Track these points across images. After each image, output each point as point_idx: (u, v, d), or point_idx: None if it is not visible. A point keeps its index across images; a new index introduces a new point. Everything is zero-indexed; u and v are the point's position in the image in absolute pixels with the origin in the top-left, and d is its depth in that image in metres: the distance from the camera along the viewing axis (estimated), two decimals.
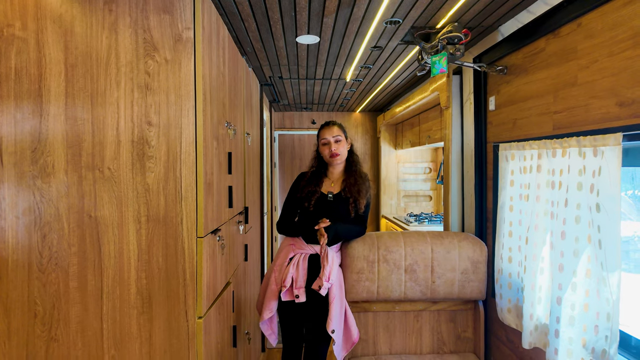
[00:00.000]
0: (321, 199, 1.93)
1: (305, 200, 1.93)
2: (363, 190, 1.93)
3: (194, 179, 1.34)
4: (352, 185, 1.91)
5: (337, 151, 1.94)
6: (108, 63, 1.33)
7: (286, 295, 1.88)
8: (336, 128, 1.97)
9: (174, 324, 1.34)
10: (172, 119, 1.34)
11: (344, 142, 1.97)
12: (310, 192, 1.94)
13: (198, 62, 1.35)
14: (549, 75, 1.60)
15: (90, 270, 1.33)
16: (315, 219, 1.91)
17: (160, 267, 1.34)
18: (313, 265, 1.89)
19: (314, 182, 1.97)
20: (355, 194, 1.90)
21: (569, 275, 1.42)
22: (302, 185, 1.98)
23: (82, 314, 1.33)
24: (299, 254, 1.90)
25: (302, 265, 1.88)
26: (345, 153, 1.99)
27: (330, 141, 1.95)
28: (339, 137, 1.95)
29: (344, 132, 1.99)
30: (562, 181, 1.47)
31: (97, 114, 1.33)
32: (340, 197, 1.93)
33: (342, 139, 1.96)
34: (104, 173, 1.33)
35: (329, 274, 1.82)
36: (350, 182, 1.93)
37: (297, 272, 1.86)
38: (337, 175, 2.01)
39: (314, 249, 1.90)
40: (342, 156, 1.97)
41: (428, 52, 1.92)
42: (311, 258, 1.90)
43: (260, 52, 2.28)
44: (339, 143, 1.95)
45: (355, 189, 1.91)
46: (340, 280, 1.92)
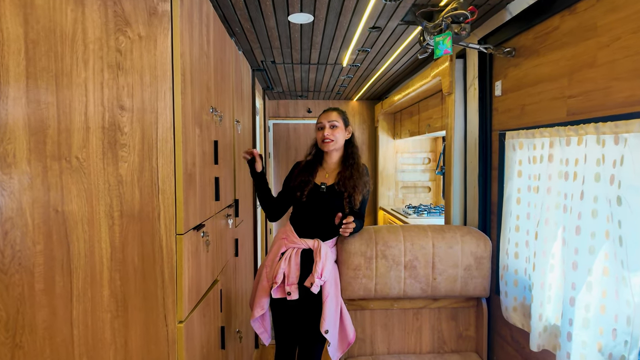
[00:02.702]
0: (314, 190, 1.81)
1: (297, 190, 1.81)
2: (359, 186, 1.78)
3: (172, 170, 1.21)
4: (348, 179, 1.77)
5: (331, 137, 1.79)
6: (74, 39, 1.18)
7: (277, 292, 1.77)
8: (335, 113, 1.84)
9: (152, 329, 1.22)
10: (147, 102, 1.20)
11: (341, 129, 1.83)
12: (303, 182, 1.81)
13: (176, 39, 1.20)
14: (564, 56, 1.47)
15: (58, 271, 1.20)
16: (308, 211, 1.80)
17: (136, 267, 1.22)
18: (306, 261, 1.77)
19: (307, 172, 1.84)
20: (350, 188, 1.76)
21: (583, 274, 1.30)
22: (295, 174, 1.86)
23: (50, 318, 1.20)
24: (291, 249, 1.79)
25: (295, 261, 1.76)
26: (341, 141, 1.84)
27: (325, 125, 1.81)
28: (336, 123, 1.81)
29: (343, 119, 1.85)
30: (578, 172, 1.34)
31: (62, 97, 1.18)
32: (333, 190, 1.80)
33: (340, 125, 1.82)
34: (72, 163, 1.19)
35: (322, 270, 1.71)
36: (346, 175, 1.78)
37: (289, 267, 1.76)
38: (332, 165, 1.87)
39: (307, 244, 1.78)
40: (337, 143, 1.82)
41: (431, 33, 1.78)
42: (304, 253, 1.78)
43: (250, 33, 2.12)
44: (334, 129, 1.81)
45: (350, 184, 1.77)
46: (335, 277, 1.81)
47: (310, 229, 1.81)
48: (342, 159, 1.85)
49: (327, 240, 1.82)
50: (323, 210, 1.79)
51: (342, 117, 1.85)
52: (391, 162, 4.36)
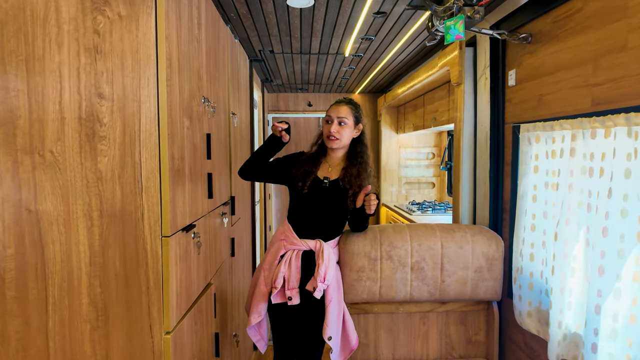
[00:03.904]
0: (316, 184, 1.67)
1: (299, 180, 1.67)
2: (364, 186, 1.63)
3: (156, 165, 1.09)
4: (354, 177, 1.64)
5: (337, 135, 1.64)
6: (46, 19, 1.05)
7: (277, 297, 1.64)
8: (345, 108, 1.67)
9: (136, 340, 1.11)
10: (129, 90, 1.08)
11: (350, 126, 1.67)
12: (305, 172, 1.67)
13: (160, 19, 1.08)
14: (587, 40, 1.34)
15: (31, 277, 1.09)
16: (308, 206, 1.66)
17: (118, 272, 1.10)
18: (307, 264, 1.64)
19: (311, 163, 1.70)
20: (356, 186, 1.63)
21: (611, 280, 1.18)
22: (300, 161, 1.72)
23: (23, 329, 1.09)
24: (291, 251, 1.65)
25: (295, 264, 1.63)
26: (347, 140, 1.68)
27: (334, 121, 1.66)
28: (345, 120, 1.65)
29: (354, 116, 1.68)
30: (604, 167, 1.22)
31: (34, 84, 1.06)
32: (337, 185, 1.66)
33: (349, 123, 1.66)
34: (45, 158, 1.07)
35: (325, 273, 1.59)
36: (352, 172, 1.65)
37: (290, 271, 1.62)
38: (336, 160, 1.73)
39: (308, 245, 1.64)
40: (342, 142, 1.67)
41: (440, 17, 1.64)
42: (305, 255, 1.64)
43: (247, 18, 1.99)
44: (342, 127, 1.66)
45: (356, 182, 1.63)
46: (338, 280, 1.68)
47: (310, 228, 1.67)
48: (348, 157, 1.71)
49: (330, 241, 1.68)
50: (324, 207, 1.66)
51: (354, 114, 1.68)
52: (394, 157, 4.24)
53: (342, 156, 1.72)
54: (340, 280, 1.71)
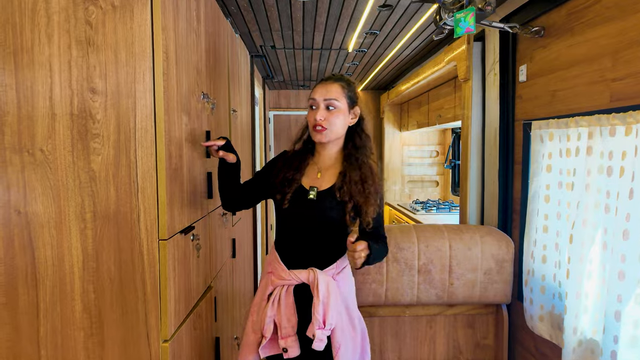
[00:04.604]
0: (300, 195, 1.24)
1: (277, 192, 1.26)
2: (372, 194, 1.22)
3: (153, 164, 1.03)
4: (356, 184, 1.22)
5: (325, 124, 1.21)
6: (35, 9, 0.99)
7: (268, 348, 1.25)
8: (335, 87, 1.24)
9: (133, 349, 1.05)
10: (123, 84, 1.02)
11: (342, 111, 1.23)
12: (285, 180, 1.26)
13: (156, 10, 1.02)
14: (606, 32, 1.27)
15: (21, 282, 1.03)
16: (293, 226, 1.25)
17: (113, 277, 1.04)
18: (304, 301, 1.22)
19: (293, 166, 1.29)
20: (358, 197, 1.21)
21: (631, 285, 1.12)
22: (278, 166, 1.32)
23: (13, 337, 1.04)
24: (279, 287, 1.24)
25: (286, 302, 1.21)
26: (340, 130, 1.25)
27: (320, 105, 1.22)
28: (336, 103, 1.21)
29: (347, 96, 1.25)
30: (625, 166, 1.16)
31: (22, 78, 1.00)
32: (330, 197, 1.23)
33: (341, 107, 1.23)
34: (36, 156, 1.01)
35: (324, 315, 1.18)
36: (352, 177, 1.23)
37: (280, 314, 1.22)
38: (327, 160, 1.29)
39: (299, 277, 1.22)
40: (332, 133, 1.23)
41: (449, 10, 1.58)
42: (298, 290, 1.23)
43: (248, 12, 1.93)
44: (332, 112, 1.22)
45: (358, 190, 1.21)
46: (350, 317, 1.26)
47: (299, 254, 1.25)
48: (342, 153, 1.29)
49: (328, 268, 1.24)
50: (313, 227, 1.23)
51: (346, 94, 1.24)
52: (397, 155, 4.17)
53: (336, 154, 1.30)
54: (355, 318, 1.28)
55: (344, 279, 1.30)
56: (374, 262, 1.21)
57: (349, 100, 1.26)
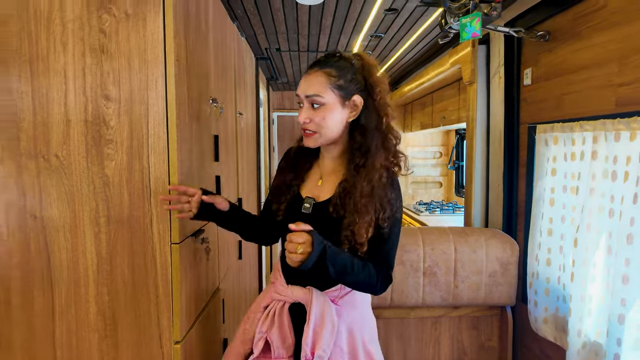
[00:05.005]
0: (294, 206, 1.06)
1: (274, 198, 1.11)
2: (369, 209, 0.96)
3: (165, 169, 1.05)
4: (351, 195, 0.97)
5: (311, 126, 0.99)
6: (50, 18, 1.02)
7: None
8: (317, 77, 0.98)
9: (146, 351, 1.08)
10: (136, 91, 1.04)
11: (331, 107, 0.97)
12: (284, 185, 1.09)
13: (168, 18, 1.03)
14: (612, 37, 1.28)
15: (37, 285, 1.05)
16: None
17: (126, 280, 1.07)
18: (302, 321, 1.03)
19: (296, 169, 1.10)
20: (354, 216, 0.96)
21: (635, 289, 1.14)
22: (280, 168, 1.16)
23: (29, 338, 1.06)
24: (276, 302, 1.07)
25: (279, 321, 1.04)
26: (336, 130, 1.00)
27: (304, 102, 1.01)
28: (318, 98, 0.97)
29: (336, 86, 0.97)
30: (630, 171, 1.17)
31: (38, 85, 1.02)
32: (325, 211, 1.01)
33: (327, 102, 0.97)
34: (51, 162, 1.04)
35: (313, 341, 1.00)
36: (349, 187, 0.98)
37: (272, 330, 1.04)
38: (330, 165, 1.08)
39: (295, 295, 1.04)
40: (324, 137, 1.00)
41: (455, 14, 1.59)
42: (297, 309, 1.05)
43: (254, 16, 1.94)
44: (317, 110, 0.98)
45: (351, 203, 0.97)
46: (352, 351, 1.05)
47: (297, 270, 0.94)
48: (345, 156, 1.04)
49: (330, 289, 1.04)
50: None
51: (334, 83, 0.97)
52: None
53: (339, 157, 1.06)
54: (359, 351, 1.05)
55: (351, 306, 1.05)
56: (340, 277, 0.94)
57: (339, 90, 0.97)
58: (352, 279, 0.96)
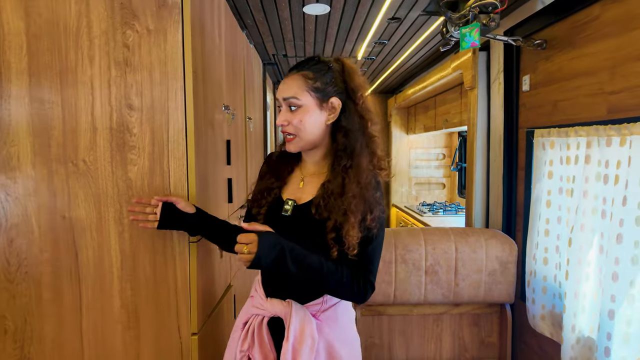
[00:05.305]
0: (275, 209, 1.03)
1: (255, 203, 1.08)
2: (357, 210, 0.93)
3: (184, 173, 1.13)
4: (336, 197, 0.95)
5: (290, 129, 0.99)
6: (78, 34, 1.10)
7: None
8: (295, 79, 0.99)
9: (165, 341, 1.16)
10: (157, 101, 1.12)
11: (308, 109, 0.98)
12: (265, 189, 1.07)
13: (187, 33, 1.12)
14: (604, 48, 1.35)
15: (66, 280, 1.14)
16: None
17: (148, 276, 1.15)
18: (281, 335, 0.99)
19: (277, 172, 1.09)
20: (337, 214, 0.94)
21: (624, 286, 1.21)
22: (261, 173, 1.13)
23: (58, 329, 1.15)
24: (254, 317, 1.04)
25: (259, 338, 1.01)
26: (316, 132, 1.00)
27: (283, 105, 1.01)
28: (295, 100, 0.98)
29: (311, 88, 0.98)
30: (620, 175, 1.24)
31: (67, 96, 1.11)
32: (307, 213, 0.98)
33: (304, 104, 0.98)
34: (78, 166, 1.12)
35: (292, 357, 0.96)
36: (332, 189, 0.96)
37: (253, 348, 1.01)
38: (312, 166, 1.07)
39: (274, 309, 1.01)
40: (303, 141, 1.00)
41: (455, 24, 1.66)
42: (274, 323, 1.02)
43: (263, 25, 2.03)
44: (295, 112, 0.98)
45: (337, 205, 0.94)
46: None
47: (278, 281, 1.02)
48: (328, 158, 1.03)
49: (312, 302, 1.01)
50: None
51: (311, 85, 0.98)
52: (404, 158, 4.25)
53: (321, 159, 1.05)
54: None
55: (334, 322, 1.01)
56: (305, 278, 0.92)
57: (315, 92, 0.97)
58: (322, 282, 0.93)
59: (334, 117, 1.00)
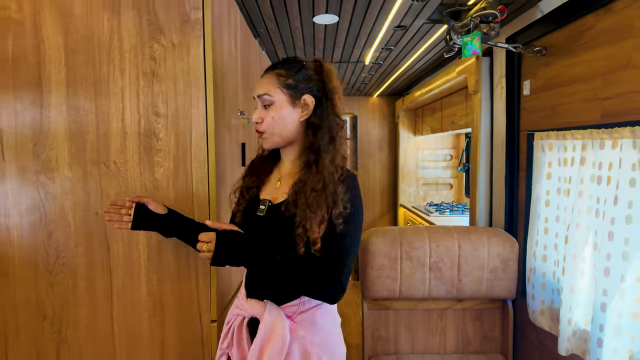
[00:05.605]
0: (251, 209, 1.05)
1: (236, 201, 1.12)
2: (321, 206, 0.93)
3: (205, 174, 1.24)
4: (302, 193, 0.96)
5: (263, 126, 1.02)
6: (111, 48, 1.22)
7: None
8: (268, 77, 1.02)
9: (188, 327, 1.27)
10: (181, 109, 1.23)
11: (280, 106, 1.00)
12: (246, 188, 1.10)
13: (208, 46, 1.23)
14: (598, 56, 1.43)
15: (98, 271, 1.26)
16: None
17: (172, 268, 1.26)
18: None
19: (257, 173, 1.11)
20: (303, 211, 0.94)
21: (616, 281, 1.28)
22: (244, 174, 1.16)
23: (92, 316, 1.27)
24: (235, 317, 1.06)
25: (238, 338, 1.03)
26: (289, 128, 1.02)
27: (258, 103, 1.04)
28: (267, 97, 1.00)
29: (284, 85, 1.00)
30: (612, 176, 1.31)
31: (100, 104, 1.23)
32: (277, 213, 0.99)
33: (276, 100, 1.00)
34: (110, 168, 1.24)
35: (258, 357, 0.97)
36: (303, 188, 0.97)
37: (232, 347, 1.04)
38: (288, 166, 1.08)
39: (253, 310, 1.02)
40: (276, 136, 1.02)
41: (458, 32, 1.75)
42: (254, 324, 1.03)
43: (275, 33, 2.14)
44: (268, 110, 1.01)
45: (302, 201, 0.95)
46: None
47: (257, 281, 1.05)
48: (304, 160, 1.02)
49: (289, 304, 1.01)
50: None
51: (283, 82, 1.00)
52: (412, 158, 4.33)
53: (296, 158, 1.06)
54: None
55: (311, 325, 1.00)
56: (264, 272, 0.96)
57: (287, 89, 0.99)
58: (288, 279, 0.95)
59: (306, 114, 1.01)
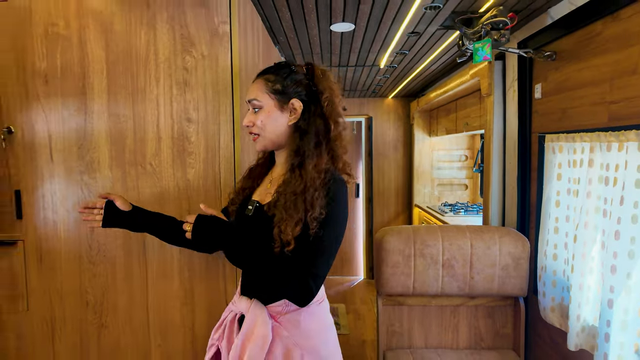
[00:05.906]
0: (243, 207, 1.11)
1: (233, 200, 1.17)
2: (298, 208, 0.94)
3: (232, 174, 1.35)
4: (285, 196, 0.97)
5: (254, 129, 1.05)
6: (147, 60, 1.34)
7: None
8: (257, 83, 1.06)
9: (215, 315, 1.38)
10: (210, 115, 1.35)
11: (268, 110, 1.02)
12: (241, 188, 1.16)
13: (235, 56, 1.34)
14: (606, 61, 1.48)
15: (135, 262, 1.38)
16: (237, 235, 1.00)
17: (201, 260, 1.38)
18: None
19: (254, 173, 1.17)
20: (280, 211, 0.96)
21: (622, 278, 1.33)
22: (242, 175, 1.21)
23: (129, 303, 1.39)
24: (229, 312, 1.11)
25: (229, 332, 1.07)
26: (277, 132, 1.04)
27: (249, 107, 1.07)
28: (256, 102, 1.03)
29: (271, 90, 1.03)
30: (618, 177, 1.36)
31: (137, 111, 1.35)
32: (262, 213, 1.03)
33: (264, 105, 1.03)
34: (146, 169, 1.36)
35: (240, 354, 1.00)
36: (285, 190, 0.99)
37: (222, 340, 1.09)
38: (279, 169, 1.11)
39: (241, 307, 1.06)
40: (266, 139, 1.05)
41: (470, 38, 1.82)
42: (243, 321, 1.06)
43: (293, 41, 2.24)
44: (258, 114, 1.04)
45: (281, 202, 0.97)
46: None
47: (249, 279, 1.09)
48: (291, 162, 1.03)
49: (275, 303, 1.03)
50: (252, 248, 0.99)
51: (271, 88, 1.03)
52: (427, 159, 4.37)
53: (284, 161, 1.09)
54: None
55: (294, 327, 1.01)
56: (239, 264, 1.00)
57: (275, 94, 1.02)
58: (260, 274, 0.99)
59: (294, 119, 1.03)
